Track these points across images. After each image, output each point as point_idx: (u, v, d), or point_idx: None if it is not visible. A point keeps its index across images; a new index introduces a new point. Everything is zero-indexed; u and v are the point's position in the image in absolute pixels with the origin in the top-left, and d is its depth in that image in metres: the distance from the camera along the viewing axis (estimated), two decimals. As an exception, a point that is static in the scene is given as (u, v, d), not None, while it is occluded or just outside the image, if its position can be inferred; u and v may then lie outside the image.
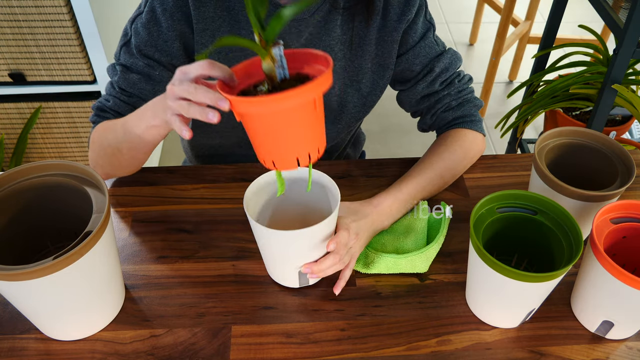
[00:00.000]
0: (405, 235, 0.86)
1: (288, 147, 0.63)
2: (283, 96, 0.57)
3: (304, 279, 0.79)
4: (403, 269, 0.82)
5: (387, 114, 2.43)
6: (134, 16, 0.88)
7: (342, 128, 1.03)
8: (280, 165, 0.65)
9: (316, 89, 0.59)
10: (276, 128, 0.61)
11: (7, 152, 1.81)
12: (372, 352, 0.74)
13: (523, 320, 0.76)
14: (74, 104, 1.70)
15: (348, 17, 0.91)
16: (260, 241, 0.77)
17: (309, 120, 0.62)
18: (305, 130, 0.63)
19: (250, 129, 0.64)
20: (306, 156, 0.64)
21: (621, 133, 1.82)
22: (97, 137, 0.89)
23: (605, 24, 2.08)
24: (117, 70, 0.90)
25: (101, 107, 0.91)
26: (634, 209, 0.74)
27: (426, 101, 0.99)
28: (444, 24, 3.02)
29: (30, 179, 0.73)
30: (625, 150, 0.82)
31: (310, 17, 0.88)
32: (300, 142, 0.63)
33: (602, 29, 2.42)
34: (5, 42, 1.54)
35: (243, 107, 0.61)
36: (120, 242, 0.87)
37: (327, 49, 0.92)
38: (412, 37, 0.94)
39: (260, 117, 0.61)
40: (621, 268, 0.66)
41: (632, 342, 0.75)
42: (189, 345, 0.74)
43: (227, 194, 0.94)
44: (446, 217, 0.86)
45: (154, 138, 0.80)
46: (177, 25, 0.86)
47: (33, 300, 0.67)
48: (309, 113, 0.61)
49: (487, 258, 0.68)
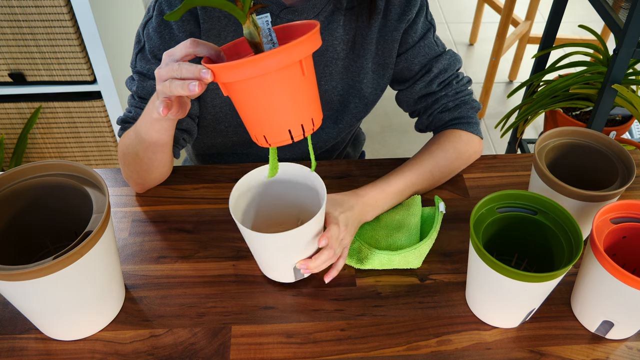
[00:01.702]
0: (398, 231, 0.86)
1: (278, 118, 0.60)
2: (263, 56, 0.54)
3: (300, 273, 0.79)
4: (397, 264, 0.82)
5: (387, 114, 2.43)
6: (144, 22, 0.88)
7: (343, 127, 1.03)
8: (272, 140, 0.62)
9: (299, 49, 0.56)
10: (262, 97, 0.58)
11: (7, 152, 1.81)
12: (372, 352, 0.74)
13: (523, 320, 0.76)
14: (74, 104, 1.70)
15: (351, 17, 0.91)
16: (252, 245, 0.77)
17: (297, 87, 0.59)
18: (294, 98, 0.59)
19: (237, 102, 0.61)
20: (299, 127, 0.61)
21: (621, 133, 1.82)
22: (120, 148, 0.89)
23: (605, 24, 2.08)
24: (135, 79, 0.90)
25: (125, 119, 0.91)
26: (634, 209, 0.74)
27: (423, 101, 0.99)
28: (444, 24, 3.02)
29: (30, 179, 0.73)
30: (625, 150, 0.82)
31: (315, 17, 0.89)
32: (290, 112, 0.60)
33: (602, 29, 2.42)
34: (5, 42, 1.55)
35: (224, 74, 0.59)
36: (120, 242, 0.87)
37: (329, 49, 0.92)
38: (412, 36, 0.94)
39: (245, 87, 0.58)
40: (621, 268, 0.66)
41: (632, 342, 0.75)
42: (189, 345, 0.74)
43: (227, 194, 0.93)
44: (439, 211, 0.86)
45: (160, 134, 0.79)
46: (187, 26, 0.86)
47: (33, 300, 0.67)
48: (296, 78, 0.58)
49: (487, 258, 0.68)
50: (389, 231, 0.86)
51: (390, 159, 1.02)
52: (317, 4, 0.88)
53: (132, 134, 0.83)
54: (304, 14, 0.88)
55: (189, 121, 0.93)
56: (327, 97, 0.98)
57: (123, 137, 0.89)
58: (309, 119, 0.61)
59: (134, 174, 0.89)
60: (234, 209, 0.75)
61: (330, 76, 0.95)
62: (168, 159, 0.89)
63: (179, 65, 0.64)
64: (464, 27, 2.98)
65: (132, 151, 0.85)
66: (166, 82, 0.66)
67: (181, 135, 0.93)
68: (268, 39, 0.60)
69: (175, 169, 0.99)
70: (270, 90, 0.58)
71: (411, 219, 0.87)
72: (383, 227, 0.87)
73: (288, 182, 0.80)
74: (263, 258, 0.78)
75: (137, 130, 0.81)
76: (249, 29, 0.59)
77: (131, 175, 0.90)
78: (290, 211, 0.84)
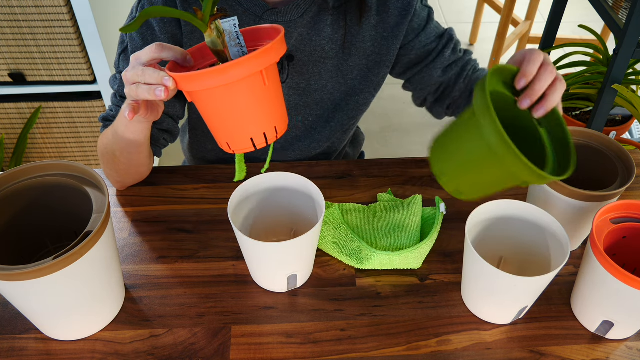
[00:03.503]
0: (399, 231, 0.86)
1: (240, 127, 0.60)
2: (222, 68, 0.54)
3: (292, 283, 0.79)
4: (397, 265, 0.82)
5: (387, 114, 2.43)
6: (127, 22, 0.88)
7: (335, 127, 1.03)
8: (235, 147, 0.62)
9: (258, 60, 0.55)
10: (223, 106, 0.58)
11: (7, 152, 1.81)
12: (372, 352, 0.74)
13: (516, 317, 0.76)
14: (74, 104, 1.71)
15: (339, 16, 0.91)
16: (247, 252, 0.77)
17: (259, 96, 0.58)
18: (255, 108, 0.59)
19: (200, 109, 0.61)
20: (261, 136, 0.60)
21: (621, 133, 1.82)
22: (99, 146, 0.90)
23: (605, 24, 2.08)
24: (117, 78, 0.90)
25: (106, 117, 0.92)
26: (634, 209, 0.74)
27: (454, 67, 0.98)
28: (444, 24, 3.02)
29: (30, 179, 0.73)
30: (625, 150, 0.82)
31: (299, 18, 0.88)
32: (251, 121, 0.60)
33: (602, 29, 2.42)
34: (5, 42, 1.55)
35: (184, 83, 0.59)
36: (120, 242, 0.87)
37: (317, 49, 0.92)
38: (417, 23, 0.94)
39: (206, 96, 0.58)
40: (621, 268, 0.66)
41: (632, 342, 0.76)
42: (189, 345, 0.74)
43: (227, 194, 0.94)
44: (440, 212, 0.86)
45: (136, 135, 0.80)
46: (169, 28, 0.86)
47: (33, 300, 0.67)
48: (258, 88, 0.58)
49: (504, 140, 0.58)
50: (390, 231, 0.86)
51: (390, 158, 1.02)
52: (302, 4, 0.87)
53: (110, 133, 0.84)
54: (288, 15, 0.88)
55: (170, 122, 0.94)
56: (317, 97, 0.98)
57: (102, 136, 0.89)
58: (271, 127, 0.61)
59: (113, 172, 0.90)
60: (233, 215, 0.75)
61: (319, 75, 0.95)
62: (145, 159, 0.89)
63: (142, 71, 0.65)
64: (464, 27, 2.98)
65: (110, 150, 0.86)
66: (133, 86, 0.66)
67: (162, 136, 0.94)
68: (236, 42, 0.59)
69: (175, 169, 0.99)
70: (231, 100, 0.58)
71: (412, 219, 0.87)
72: (384, 227, 0.87)
73: (287, 190, 0.80)
74: (257, 266, 0.78)
75: (114, 129, 0.82)
76: (210, 38, 0.59)
77: (110, 173, 0.91)
78: (286, 220, 0.84)
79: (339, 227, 0.86)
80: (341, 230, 0.85)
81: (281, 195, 0.81)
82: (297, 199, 0.80)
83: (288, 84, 0.95)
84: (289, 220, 0.83)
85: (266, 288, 0.80)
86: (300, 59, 0.92)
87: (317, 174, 0.99)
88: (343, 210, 0.90)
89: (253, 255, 0.76)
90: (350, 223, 0.88)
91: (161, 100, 0.64)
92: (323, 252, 0.85)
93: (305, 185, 0.78)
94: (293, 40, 0.90)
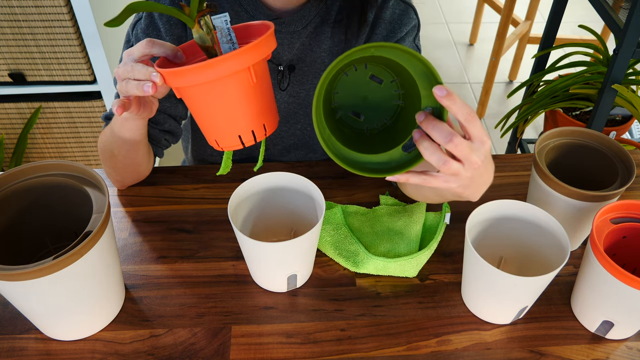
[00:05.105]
0: (398, 238, 0.85)
1: (227, 124, 0.59)
2: (209, 64, 0.54)
3: (292, 283, 0.79)
4: (392, 272, 0.82)
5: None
6: (134, 22, 0.88)
7: None
8: (223, 144, 0.61)
9: (245, 56, 0.55)
10: (210, 103, 0.58)
11: (7, 152, 1.81)
12: (372, 352, 0.74)
13: (516, 317, 0.76)
14: (74, 104, 1.70)
15: (339, 29, 0.91)
16: (247, 252, 0.77)
17: (247, 94, 0.58)
18: (243, 105, 0.58)
19: (189, 106, 0.61)
20: (249, 134, 0.60)
21: (621, 133, 1.82)
22: (99, 145, 0.90)
23: (605, 24, 2.08)
24: None
25: (108, 116, 0.91)
26: (634, 209, 0.74)
27: None
28: (444, 24, 3.02)
29: (30, 179, 0.73)
30: (625, 150, 0.82)
31: (302, 29, 0.89)
32: (239, 118, 0.59)
33: (602, 29, 2.42)
34: (5, 42, 1.54)
35: (172, 79, 0.59)
36: (120, 242, 0.87)
37: (317, 60, 0.92)
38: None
39: (193, 92, 0.58)
40: (621, 268, 0.66)
41: (632, 342, 0.76)
42: (189, 345, 0.74)
43: (227, 194, 0.94)
44: (444, 222, 0.86)
45: (132, 133, 0.80)
46: (174, 30, 0.86)
47: (33, 300, 0.67)
48: (245, 85, 0.57)
49: None
50: (389, 237, 0.86)
51: (390, 159, 1.02)
52: (305, 15, 0.88)
53: (108, 132, 0.84)
54: (292, 25, 0.88)
55: (172, 122, 0.94)
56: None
57: (101, 134, 0.89)
58: (260, 125, 0.61)
59: (112, 170, 0.90)
60: (233, 215, 0.75)
61: None
62: (142, 158, 0.89)
63: (132, 67, 0.65)
64: (464, 27, 2.98)
65: (108, 148, 0.86)
66: (123, 82, 0.66)
67: (163, 136, 0.94)
68: (227, 38, 0.59)
69: (175, 169, 0.99)
70: (219, 97, 0.57)
71: (413, 227, 0.86)
72: (384, 232, 0.87)
73: (287, 190, 0.80)
74: (257, 266, 0.78)
75: (112, 128, 0.82)
76: (198, 33, 0.59)
77: (109, 171, 0.91)
78: (286, 219, 0.84)
79: (339, 229, 0.86)
80: (341, 232, 0.85)
81: (281, 195, 0.81)
82: (297, 199, 0.80)
83: (288, 92, 0.95)
84: (289, 220, 0.83)
85: (266, 288, 0.80)
86: (301, 68, 0.93)
87: (317, 174, 0.99)
88: (346, 212, 0.89)
89: (253, 255, 0.76)
90: (352, 225, 0.88)
91: (150, 96, 0.63)
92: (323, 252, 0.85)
93: (305, 185, 0.78)
94: (295, 50, 0.91)
